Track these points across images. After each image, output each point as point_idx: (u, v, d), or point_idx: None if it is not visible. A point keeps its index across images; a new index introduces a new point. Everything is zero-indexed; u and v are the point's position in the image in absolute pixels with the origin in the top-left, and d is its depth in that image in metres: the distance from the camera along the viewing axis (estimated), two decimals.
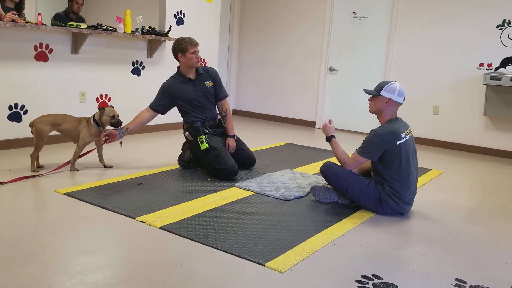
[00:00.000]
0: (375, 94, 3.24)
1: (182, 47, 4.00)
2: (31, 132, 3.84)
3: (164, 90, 4.11)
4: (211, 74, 4.20)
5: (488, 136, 5.85)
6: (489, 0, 5.69)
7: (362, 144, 3.23)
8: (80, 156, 3.98)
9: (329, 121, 3.47)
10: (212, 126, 4.17)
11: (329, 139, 3.42)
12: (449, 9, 5.96)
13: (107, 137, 3.91)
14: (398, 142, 3.13)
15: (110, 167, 4.06)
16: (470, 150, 5.96)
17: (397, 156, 3.14)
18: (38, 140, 3.80)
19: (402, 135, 3.17)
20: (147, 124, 4.26)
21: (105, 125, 3.94)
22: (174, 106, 4.18)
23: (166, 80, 4.17)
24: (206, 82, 4.15)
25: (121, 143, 4.03)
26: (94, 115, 3.94)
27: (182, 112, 4.15)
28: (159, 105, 4.11)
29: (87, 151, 4.07)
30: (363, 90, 3.37)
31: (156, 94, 4.16)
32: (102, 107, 3.93)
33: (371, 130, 3.23)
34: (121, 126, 3.97)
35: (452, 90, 6.04)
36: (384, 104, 3.22)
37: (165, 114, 4.24)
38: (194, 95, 4.07)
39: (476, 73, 5.85)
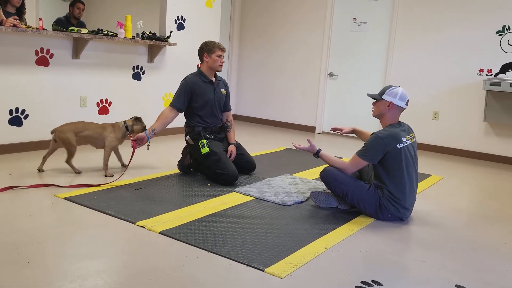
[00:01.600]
0: (377, 98, 3.27)
1: (210, 48, 4.08)
2: (53, 138, 3.92)
3: (186, 87, 4.07)
4: (225, 84, 4.33)
5: (488, 141, 5.85)
6: (489, 6, 5.72)
7: (362, 147, 3.25)
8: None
9: (305, 142, 3.46)
10: (214, 131, 4.18)
11: (317, 155, 3.41)
12: (449, 15, 5.98)
13: (135, 142, 3.83)
14: (398, 146, 3.14)
15: (127, 165, 4.08)
16: (470, 155, 5.96)
17: (397, 160, 3.15)
18: (69, 147, 3.91)
19: (403, 139, 3.18)
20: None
21: (135, 132, 4.05)
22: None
23: (187, 77, 4.14)
24: (222, 90, 4.23)
25: (148, 145, 4.04)
26: (125, 121, 4.07)
27: (189, 112, 4.12)
28: (183, 104, 4.07)
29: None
30: (367, 94, 3.42)
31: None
32: (139, 117, 4.12)
33: (372, 133, 3.25)
34: (147, 128, 4.04)
35: (452, 95, 6.05)
36: (385, 108, 3.24)
37: None
38: (212, 98, 4.11)
39: (476, 79, 5.86)
